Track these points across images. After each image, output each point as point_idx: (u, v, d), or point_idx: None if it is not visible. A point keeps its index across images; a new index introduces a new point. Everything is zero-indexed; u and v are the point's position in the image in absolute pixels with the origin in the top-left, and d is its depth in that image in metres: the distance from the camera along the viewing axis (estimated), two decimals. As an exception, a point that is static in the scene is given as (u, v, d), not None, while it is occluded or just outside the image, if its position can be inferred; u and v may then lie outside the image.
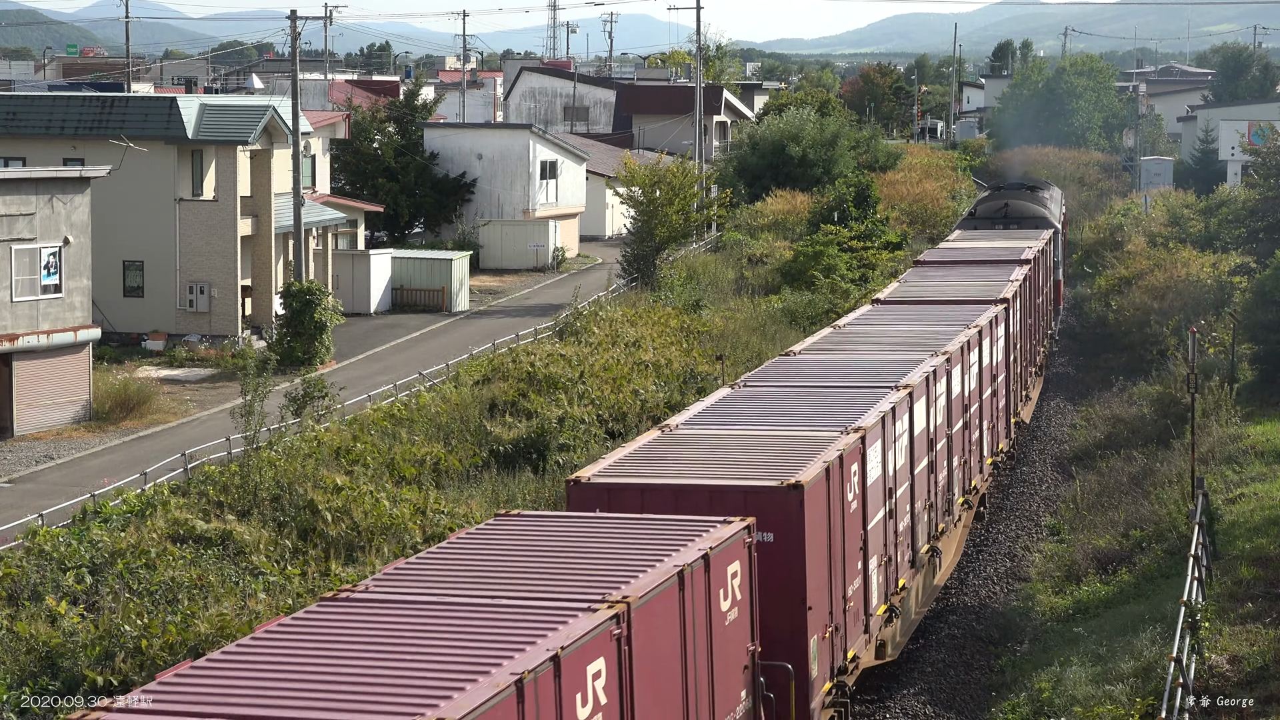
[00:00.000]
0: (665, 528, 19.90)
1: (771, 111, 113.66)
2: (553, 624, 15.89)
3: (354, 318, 64.29)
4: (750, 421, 26.43)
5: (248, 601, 28.70)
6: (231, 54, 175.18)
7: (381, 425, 42.02)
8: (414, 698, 14.07)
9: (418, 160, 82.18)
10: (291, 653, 15.51)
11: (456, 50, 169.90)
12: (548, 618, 16.16)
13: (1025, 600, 33.61)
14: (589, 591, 17.10)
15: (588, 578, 17.67)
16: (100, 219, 52.35)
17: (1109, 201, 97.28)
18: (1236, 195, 72.88)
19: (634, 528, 20.02)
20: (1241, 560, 30.25)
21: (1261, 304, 46.70)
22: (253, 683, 14.61)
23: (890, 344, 34.58)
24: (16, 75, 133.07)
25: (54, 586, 29.50)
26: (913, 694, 28.00)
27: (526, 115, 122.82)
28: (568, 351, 50.20)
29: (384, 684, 14.53)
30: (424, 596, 17.24)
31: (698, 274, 70.55)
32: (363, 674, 14.84)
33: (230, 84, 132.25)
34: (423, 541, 32.85)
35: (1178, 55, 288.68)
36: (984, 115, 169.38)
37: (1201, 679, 24.42)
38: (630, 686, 16.76)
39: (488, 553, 18.93)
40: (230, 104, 63.37)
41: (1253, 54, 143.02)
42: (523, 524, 20.49)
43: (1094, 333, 64.53)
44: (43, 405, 47.06)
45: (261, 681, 14.65)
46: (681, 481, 22.23)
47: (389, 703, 14.06)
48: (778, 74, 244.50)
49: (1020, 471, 44.98)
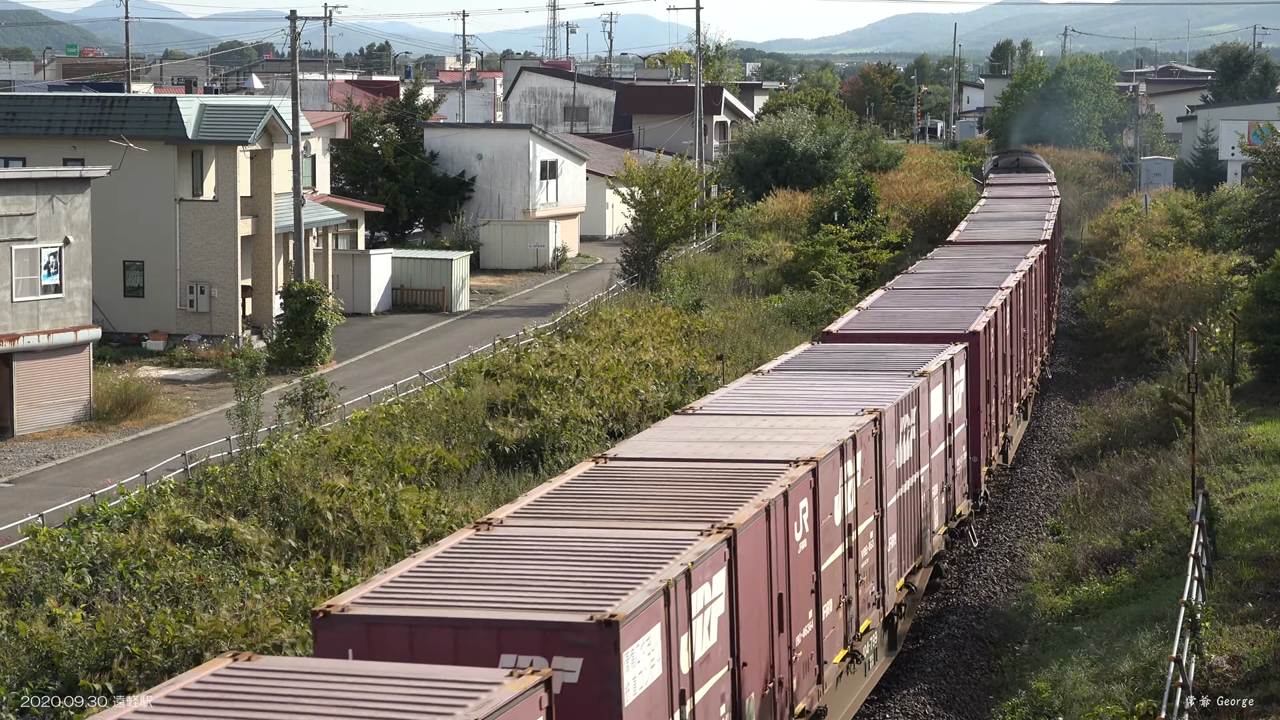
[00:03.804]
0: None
1: (771, 112, 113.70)
2: None
3: (354, 318, 64.29)
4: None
5: (246, 602, 28.69)
6: (231, 54, 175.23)
7: (383, 425, 42.01)
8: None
9: (417, 160, 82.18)
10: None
11: (456, 50, 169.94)
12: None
13: (1025, 600, 33.61)
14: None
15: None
16: (100, 219, 52.35)
17: (1109, 201, 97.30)
18: (1236, 195, 72.91)
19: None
20: (1242, 560, 30.24)
21: (1261, 304, 46.70)
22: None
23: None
24: (16, 75, 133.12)
25: (54, 586, 29.49)
26: (913, 694, 28.00)
27: (526, 115, 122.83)
28: (568, 351, 50.20)
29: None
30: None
31: (698, 274, 70.55)
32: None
33: (230, 84, 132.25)
34: (422, 542, 32.82)
35: (1178, 55, 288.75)
36: (984, 115, 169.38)
37: (1201, 679, 24.41)
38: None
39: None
40: (230, 104, 63.37)
41: (1253, 54, 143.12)
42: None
43: (1094, 334, 64.54)
44: (43, 405, 47.06)
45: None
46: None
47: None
48: (777, 74, 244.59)
49: (1020, 471, 44.99)
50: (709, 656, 18.72)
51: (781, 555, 21.39)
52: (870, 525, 26.19)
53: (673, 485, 22.09)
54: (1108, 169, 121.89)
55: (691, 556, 18.38)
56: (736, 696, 19.58)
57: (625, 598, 16.97)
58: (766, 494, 21.28)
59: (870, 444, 26.11)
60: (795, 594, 21.81)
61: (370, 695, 14.19)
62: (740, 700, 19.65)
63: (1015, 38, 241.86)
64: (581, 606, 16.82)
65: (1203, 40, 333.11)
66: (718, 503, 20.97)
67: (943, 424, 32.36)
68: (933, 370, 31.34)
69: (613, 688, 16.34)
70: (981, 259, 52.48)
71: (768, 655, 20.80)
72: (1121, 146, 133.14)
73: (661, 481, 22.29)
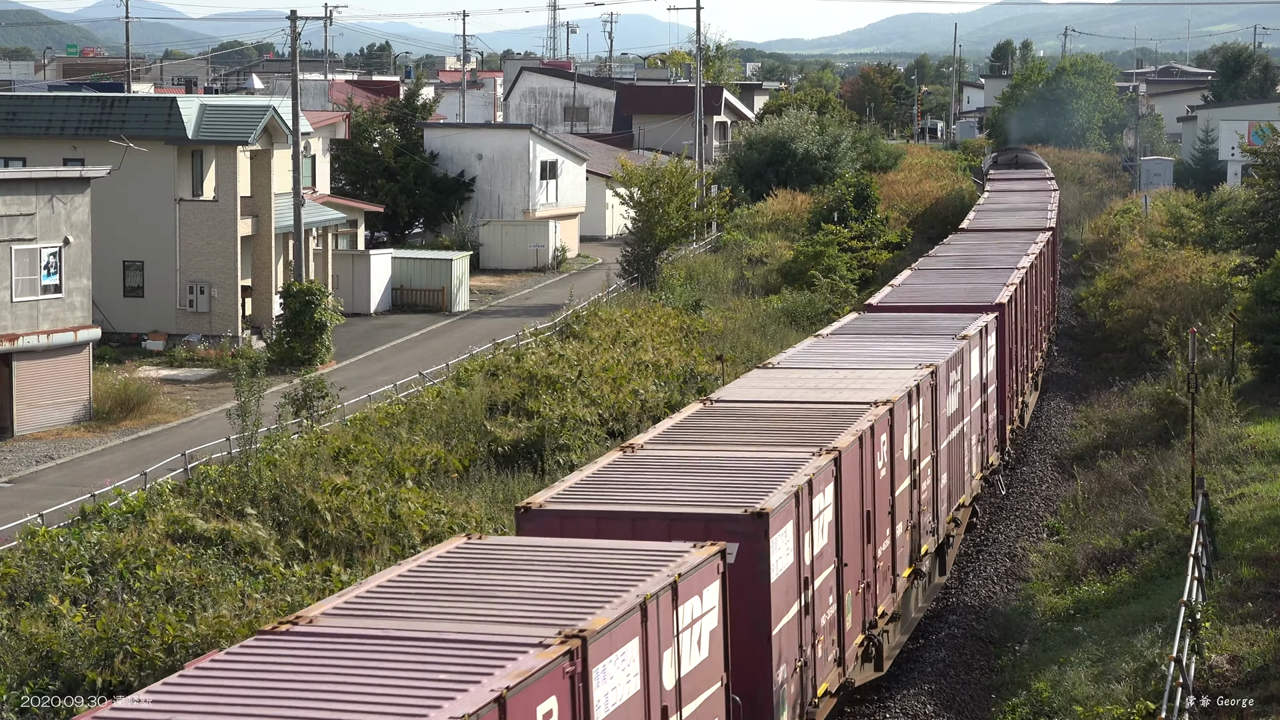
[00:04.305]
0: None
1: (772, 112, 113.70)
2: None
3: (354, 318, 64.29)
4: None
5: (246, 602, 28.70)
6: (231, 54, 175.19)
7: (383, 425, 42.01)
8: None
9: (417, 160, 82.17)
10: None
11: (456, 50, 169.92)
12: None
13: (1025, 600, 33.62)
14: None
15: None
16: (100, 219, 52.35)
17: (1109, 202, 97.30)
18: (1237, 195, 72.89)
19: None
20: (1242, 560, 30.24)
21: (1261, 304, 46.69)
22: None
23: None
24: (16, 75, 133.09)
25: (54, 586, 29.49)
26: (913, 694, 28.01)
27: (526, 115, 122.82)
28: (568, 351, 50.21)
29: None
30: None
31: (697, 274, 70.56)
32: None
33: (230, 84, 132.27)
34: (422, 542, 32.84)
35: (1178, 55, 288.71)
36: (984, 115, 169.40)
37: (1201, 679, 24.42)
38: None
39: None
40: (230, 104, 63.37)
41: (1253, 54, 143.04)
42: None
43: (1094, 334, 64.55)
44: (43, 405, 47.05)
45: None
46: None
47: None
48: (778, 74, 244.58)
49: (1020, 471, 45.00)
50: (821, 555, 23.09)
51: (869, 479, 25.81)
52: (929, 463, 30.58)
53: (777, 420, 26.46)
54: (1108, 169, 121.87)
55: (810, 470, 22.68)
56: (839, 590, 24.09)
57: (769, 497, 21.12)
58: (858, 425, 25.65)
59: (929, 393, 30.40)
60: (878, 513, 26.55)
61: (601, 556, 18.24)
62: (842, 594, 24.20)
63: (1015, 38, 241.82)
64: (735, 503, 20.92)
65: (1203, 40, 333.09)
66: (819, 433, 25.22)
67: (979, 383, 36.89)
68: (972, 334, 35.77)
69: (764, 567, 20.48)
70: (994, 244, 56.25)
71: (860, 561, 25.27)
72: (1121, 147, 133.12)
73: (767, 417, 26.72)
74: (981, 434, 37.18)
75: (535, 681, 14.65)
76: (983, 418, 37.41)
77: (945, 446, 32.06)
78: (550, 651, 15.05)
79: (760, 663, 20.57)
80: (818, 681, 22.78)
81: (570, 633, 15.51)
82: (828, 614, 23.49)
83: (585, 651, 15.45)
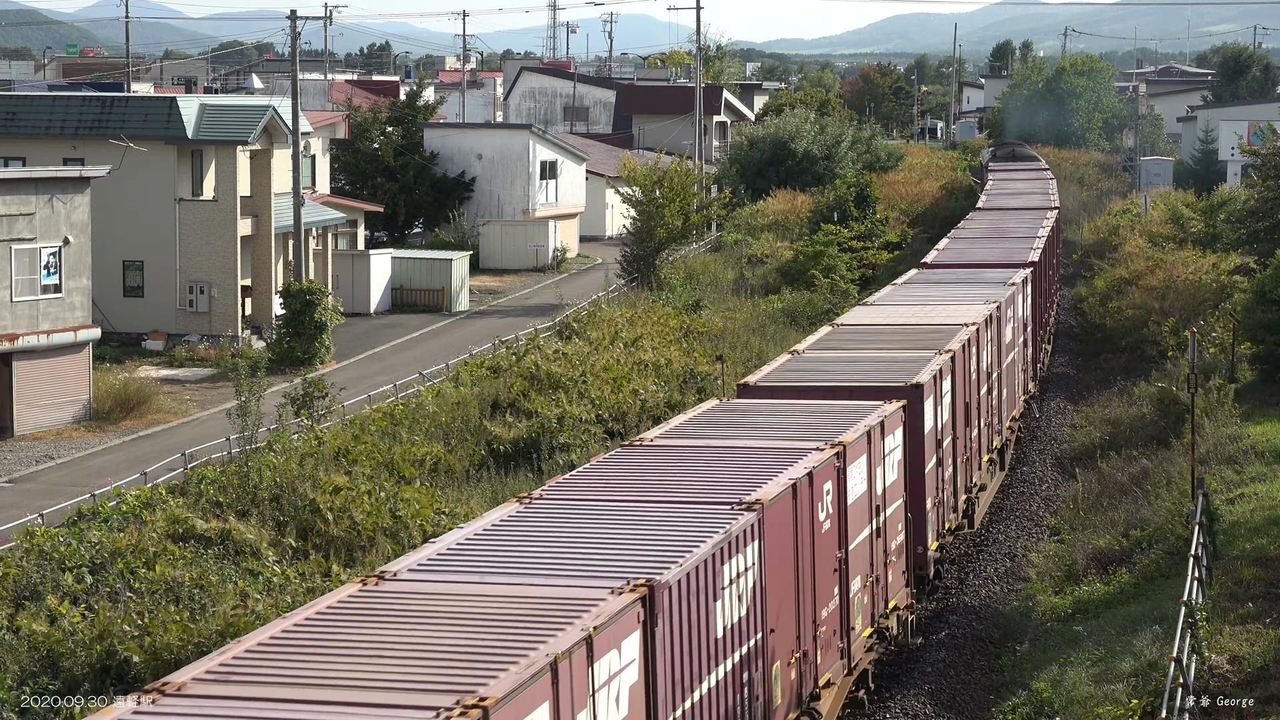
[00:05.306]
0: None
1: (772, 112, 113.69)
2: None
3: (354, 318, 64.29)
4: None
5: (247, 601, 28.69)
6: (231, 54, 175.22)
7: (382, 425, 41.99)
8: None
9: (417, 160, 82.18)
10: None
11: (456, 50, 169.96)
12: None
13: (1025, 600, 33.60)
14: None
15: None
16: (100, 219, 52.36)
17: (1109, 202, 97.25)
18: (1236, 195, 72.84)
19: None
20: (1242, 560, 30.23)
21: (1261, 304, 46.67)
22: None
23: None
24: (16, 75, 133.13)
25: (54, 586, 29.48)
26: (913, 694, 28.00)
27: (526, 115, 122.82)
28: (569, 350, 50.20)
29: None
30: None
31: (697, 274, 70.55)
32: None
33: (230, 84, 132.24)
34: (422, 541, 32.79)
35: (1178, 55, 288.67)
36: (984, 115, 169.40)
37: (1201, 679, 24.40)
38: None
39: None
40: (230, 104, 63.37)
41: (1253, 54, 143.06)
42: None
43: (1094, 334, 64.52)
44: (43, 405, 47.06)
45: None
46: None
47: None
48: (778, 74, 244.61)
49: (1020, 471, 44.99)
50: (944, 426, 32.14)
51: (969, 377, 35.22)
52: (996, 378, 39.70)
53: (897, 335, 35.72)
54: (1108, 169, 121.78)
55: (938, 364, 31.95)
56: (955, 458, 33.26)
57: (919, 374, 30.42)
58: (960, 336, 35.17)
59: (996, 322, 39.47)
60: (972, 405, 35.91)
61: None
62: (956, 461, 33.55)
63: (1015, 38, 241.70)
64: (898, 380, 30.17)
65: (1203, 40, 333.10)
66: (935, 340, 34.48)
67: (1022, 325, 46.42)
68: (1017, 282, 45.44)
69: (919, 423, 29.32)
70: (1012, 220, 65.24)
71: (964, 437, 34.54)
72: (1121, 147, 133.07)
73: (889, 334, 36.01)
74: (1024, 364, 47.15)
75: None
76: (1024, 351, 46.94)
77: (1005, 366, 41.63)
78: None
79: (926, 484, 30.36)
80: (947, 512, 32.75)
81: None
82: (957, 469, 33.81)
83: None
